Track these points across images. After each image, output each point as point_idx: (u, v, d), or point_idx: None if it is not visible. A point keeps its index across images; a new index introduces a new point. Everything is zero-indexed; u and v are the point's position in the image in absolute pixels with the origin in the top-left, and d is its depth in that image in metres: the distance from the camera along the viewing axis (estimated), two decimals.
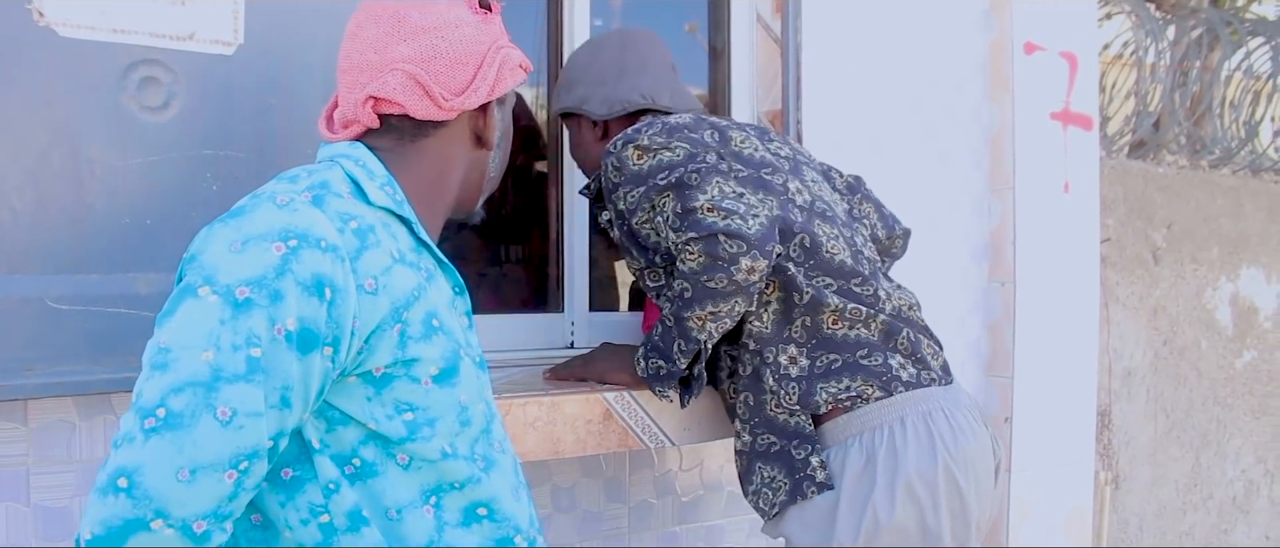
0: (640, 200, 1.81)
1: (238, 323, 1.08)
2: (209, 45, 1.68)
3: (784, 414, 1.81)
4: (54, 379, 1.56)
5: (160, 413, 1.04)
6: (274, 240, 1.12)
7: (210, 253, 1.12)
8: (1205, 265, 4.29)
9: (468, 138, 1.39)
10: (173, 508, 1.03)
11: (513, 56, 1.40)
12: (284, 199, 1.17)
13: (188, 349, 1.07)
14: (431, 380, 1.23)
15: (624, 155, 1.83)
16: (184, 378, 1.05)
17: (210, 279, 1.10)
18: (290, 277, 1.11)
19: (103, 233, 1.59)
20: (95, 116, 1.59)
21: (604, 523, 2.26)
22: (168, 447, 1.03)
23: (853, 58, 2.75)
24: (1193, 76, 4.74)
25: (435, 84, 1.32)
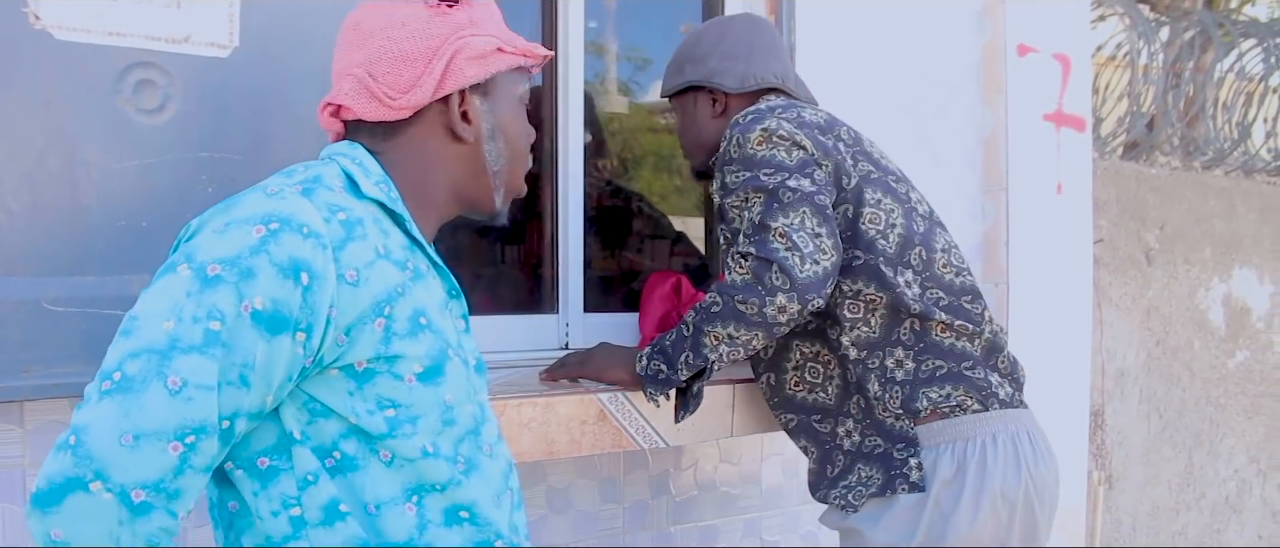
0: (740, 186, 1.83)
1: (203, 296, 1.10)
2: (205, 48, 1.69)
3: (891, 418, 1.85)
4: (50, 381, 1.56)
5: (115, 377, 1.06)
6: (255, 223, 1.14)
7: (198, 236, 1.16)
8: (1198, 266, 4.30)
9: (442, 134, 1.36)
10: (113, 472, 1.04)
11: (475, 46, 1.34)
12: (274, 189, 1.20)
13: (151, 317, 1.09)
14: (415, 378, 1.23)
15: (748, 135, 1.85)
16: (142, 344, 1.08)
17: (190, 257, 1.13)
18: (265, 257, 1.12)
19: (99, 235, 1.59)
20: (91, 119, 1.59)
21: (599, 523, 2.27)
22: (115, 409, 1.05)
23: (846, 59, 2.76)
24: (1186, 78, 4.76)
25: (380, 84, 1.32)
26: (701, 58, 2.04)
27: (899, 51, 2.87)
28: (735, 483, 2.49)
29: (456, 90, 1.34)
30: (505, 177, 1.42)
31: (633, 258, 3.01)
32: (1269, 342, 4.66)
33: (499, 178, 1.41)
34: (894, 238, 1.88)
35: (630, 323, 2.58)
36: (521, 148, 1.44)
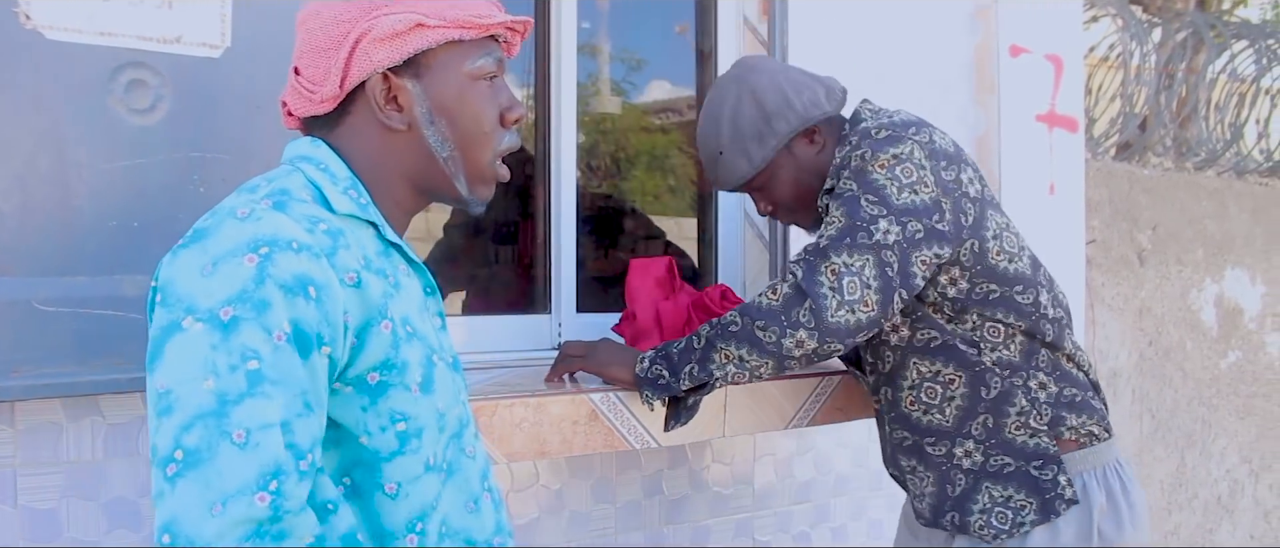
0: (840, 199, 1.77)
1: (230, 343, 1.04)
2: (196, 48, 1.69)
3: (1026, 435, 1.86)
4: (41, 381, 1.56)
5: (178, 456, 1.01)
6: (244, 253, 1.08)
7: (181, 282, 1.08)
8: (1190, 267, 4.31)
9: (375, 123, 1.26)
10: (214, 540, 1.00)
11: (384, 26, 1.23)
12: (244, 211, 1.12)
13: (187, 384, 1.04)
14: (418, 388, 1.21)
15: (880, 153, 1.78)
16: (191, 413, 1.02)
17: (191, 309, 1.06)
18: (271, 282, 1.07)
19: (90, 235, 1.59)
20: (82, 119, 1.59)
21: (591, 524, 2.27)
22: (194, 486, 1.00)
23: (839, 60, 2.76)
24: (1178, 79, 4.77)
25: (303, 78, 1.27)
26: (778, 110, 1.90)
27: (891, 52, 2.88)
28: (727, 483, 2.50)
29: (371, 75, 1.24)
30: (460, 162, 1.30)
31: (626, 258, 3.02)
32: (1261, 342, 4.67)
33: (452, 163, 1.30)
34: (1026, 259, 1.90)
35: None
36: (478, 128, 1.30)
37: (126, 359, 1.61)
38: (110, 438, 1.70)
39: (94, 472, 1.68)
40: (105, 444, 1.69)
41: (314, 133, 1.30)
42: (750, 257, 2.74)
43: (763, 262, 2.69)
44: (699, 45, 2.81)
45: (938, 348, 1.88)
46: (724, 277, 2.74)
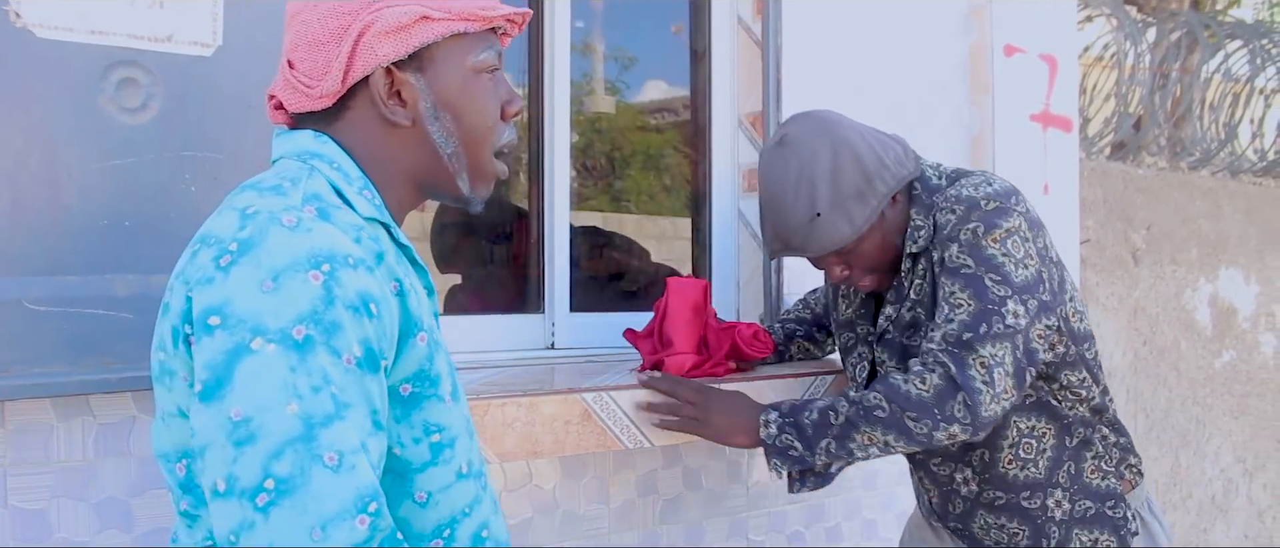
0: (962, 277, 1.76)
1: (308, 364, 1.00)
2: (187, 47, 1.68)
3: (1099, 478, 1.96)
4: (31, 381, 1.55)
5: (268, 485, 0.97)
6: (307, 269, 1.03)
7: (241, 301, 1.01)
8: (1184, 266, 4.32)
9: (377, 119, 1.23)
10: None
11: (389, 18, 1.19)
12: (291, 220, 1.07)
13: (268, 410, 0.98)
14: (450, 397, 1.19)
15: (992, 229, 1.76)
16: (279, 440, 0.98)
17: (258, 329, 1.00)
18: (340, 304, 1.03)
19: (81, 235, 1.59)
20: (73, 118, 1.58)
21: (585, 524, 2.27)
22: (291, 514, 0.96)
23: (833, 60, 2.76)
24: (1172, 79, 4.78)
25: (298, 72, 1.22)
26: (876, 170, 1.83)
27: (886, 52, 2.88)
28: (722, 482, 2.49)
29: (375, 70, 1.20)
30: (464, 159, 1.27)
31: (619, 258, 3.01)
32: (1255, 342, 4.68)
33: (455, 160, 1.27)
34: (1088, 317, 1.98)
35: (617, 323, 2.58)
36: (481, 123, 1.27)
37: (117, 359, 1.61)
38: (101, 438, 1.69)
39: (85, 472, 1.68)
40: (96, 444, 1.69)
41: (309, 128, 1.24)
42: (744, 257, 2.74)
43: (756, 262, 2.69)
44: (693, 44, 2.81)
45: (1033, 405, 1.93)
46: (718, 277, 2.73)
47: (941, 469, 2.01)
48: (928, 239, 1.84)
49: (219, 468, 0.99)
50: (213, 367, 1.00)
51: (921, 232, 1.85)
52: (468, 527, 1.23)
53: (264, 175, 1.19)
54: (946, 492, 2.04)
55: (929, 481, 2.07)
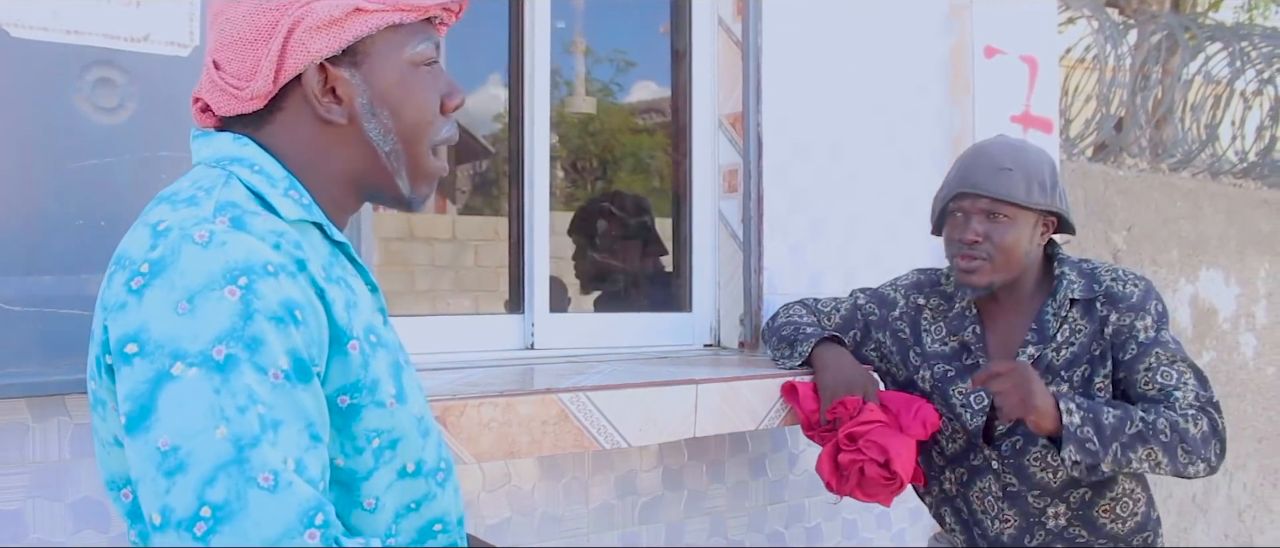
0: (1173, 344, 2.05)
1: (232, 385, 0.96)
2: (164, 47, 1.68)
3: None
4: (7, 381, 1.55)
5: (205, 513, 0.93)
6: (223, 285, 0.99)
7: (156, 326, 0.98)
8: (1165, 267, 4.34)
9: (311, 119, 1.17)
10: None
11: (320, 12, 1.13)
12: (202, 235, 1.02)
13: (196, 437, 0.95)
14: (394, 400, 1.14)
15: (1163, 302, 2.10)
16: (209, 466, 0.94)
17: (177, 353, 0.97)
18: (259, 317, 0.99)
19: (56, 235, 1.59)
20: (48, 118, 1.58)
21: (563, 525, 2.27)
22: (234, 540, 0.93)
23: (814, 60, 2.77)
24: (1153, 81, 4.80)
25: (225, 74, 1.15)
26: (1059, 189, 2.11)
27: (866, 53, 2.89)
28: (702, 482, 2.50)
29: (308, 67, 1.13)
30: (402, 157, 1.21)
31: (602, 259, 3.02)
32: (1235, 342, 4.70)
33: (394, 158, 1.20)
34: None
35: (596, 324, 2.58)
36: (420, 118, 1.21)
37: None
38: (77, 438, 1.69)
39: (60, 472, 1.68)
40: (72, 444, 1.69)
41: (234, 130, 1.18)
42: (724, 258, 2.75)
43: (736, 263, 2.70)
44: (674, 44, 2.82)
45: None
46: (698, 277, 2.74)
47: (1037, 502, 2.14)
48: (1085, 291, 2.09)
49: (153, 501, 0.95)
50: (135, 397, 0.97)
51: (1076, 285, 2.10)
52: (411, 522, 1.20)
53: (179, 184, 1.14)
54: (1032, 523, 2.16)
55: (1013, 510, 2.16)
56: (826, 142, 2.79)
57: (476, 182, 3.69)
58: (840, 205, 2.83)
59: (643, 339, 2.64)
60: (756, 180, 2.64)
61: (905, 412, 2.12)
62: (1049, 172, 2.08)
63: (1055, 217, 2.11)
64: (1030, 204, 2.04)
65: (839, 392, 2.12)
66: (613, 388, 1.93)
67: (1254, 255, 4.82)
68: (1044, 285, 2.14)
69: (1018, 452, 2.13)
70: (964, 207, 2.09)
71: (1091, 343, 2.07)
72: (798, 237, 2.73)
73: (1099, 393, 2.07)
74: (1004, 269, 2.08)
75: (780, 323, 2.37)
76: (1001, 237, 2.05)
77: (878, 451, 2.04)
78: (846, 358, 2.18)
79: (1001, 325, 2.16)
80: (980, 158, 2.10)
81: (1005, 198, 2.04)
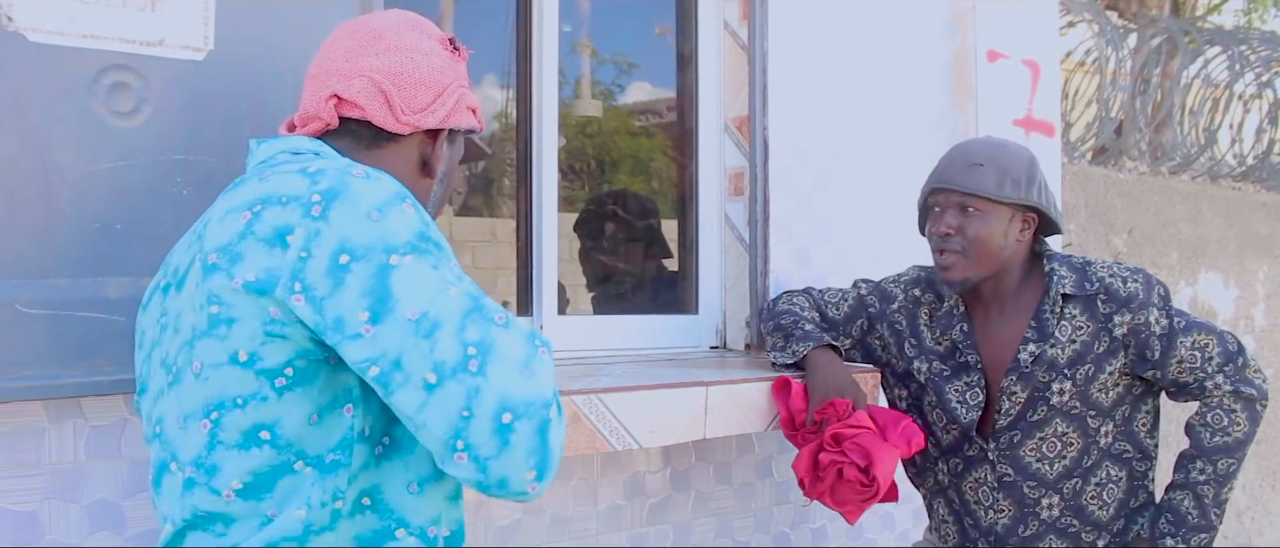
0: (1180, 331, 2.09)
1: (442, 264, 1.18)
2: (179, 51, 1.69)
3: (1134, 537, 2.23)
4: (23, 383, 1.55)
5: (471, 352, 1.13)
6: (398, 202, 1.20)
7: (358, 233, 1.16)
8: (1165, 270, 4.36)
9: (415, 161, 1.43)
10: (547, 392, 1.15)
11: (470, 98, 1.46)
12: (360, 173, 1.22)
13: (437, 300, 1.15)
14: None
15: (1161, 287, 2.14)
16: (459, 316, 1.15)
17: (390, 248, 1.16)
18: (431, 226, 1.22)
19: (73, 238, 1.59)
20: (65, 122, 1.59)
21: (573, 526, 2.28)
22: (500, 365, 1.13)
23: (819, 65, 2.78)
24: (1153, 84, 4.82)
25: (399, 96, 1.38)
26: (1040, 183, 2.13)
27: (870, 57, 2.90)
28: (709, 484, 2.51)
29: (448, 128, 1.44)
30: (433, 211, 1.51)
31: (607, 261, 3.02)
32: None
33: (431, 210, 1.50)
34: None
35: (604, 326, 2.59)
36: (446, 199, 1.54)
37: (109, 361, 1.61)
38: (93, 440, 1.70)
39: (76, 474, 1.68)
40: (87, 447, 1.69)
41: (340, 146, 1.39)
42: (730, 260, 2.75)
43: (742, 265, 2.71)
44: (680, 48, 2.83)
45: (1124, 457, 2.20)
46: (705, 280, 2.75)
47: (1032, 493, 2.18)
48: (1076, 287, 2.12)
49: (423, 364, 1.13)
50: (370, 292, 1.14)
51: (1067, 280, 2.12)
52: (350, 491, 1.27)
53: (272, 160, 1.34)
54: (1027, 513, 2.19)
55: (1009, 500, 2.19)
56: (830, 145, 2.80)
57: (474, 183, 3.69)
58: (844, 209, 2.84)
59: (649, 341, 2.65)
60: (762, 184, 2.65)
61: (892, 427, 2.12)
62: (1025, 168, 2.11)
63: (1036, 214, 2.13)
64: (1001, 198, 2.08)
65: (829, 395, 2.13)
66: (625, 390, 1.94)
67: (1253, 258, 4.84)
68: (1037, 284, 2.17)
69: (1015, 444, 2.16)
70: (939, 202, 2.14)
71: (1094, 342, 2.10)
72: (803, 240, 2.74)
73: (1099, 392, 2.11)
74: (978, 263, 2.11)
75: (781, 310, 2.38)
76: (974, 230, 2.10)
77: (861, 454, 2.05)
78: (841, 366, 2.19)
79: (993, 323, 2.19)
80: (955, 155, 2.16)
81: (975, 191, 2.08)
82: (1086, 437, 2.14)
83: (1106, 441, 2.15)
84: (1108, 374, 2.11)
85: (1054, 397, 2.11)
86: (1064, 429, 2.13)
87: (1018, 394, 2.13)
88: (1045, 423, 2.13)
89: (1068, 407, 2.12)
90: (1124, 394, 2.14)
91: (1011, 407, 2.14)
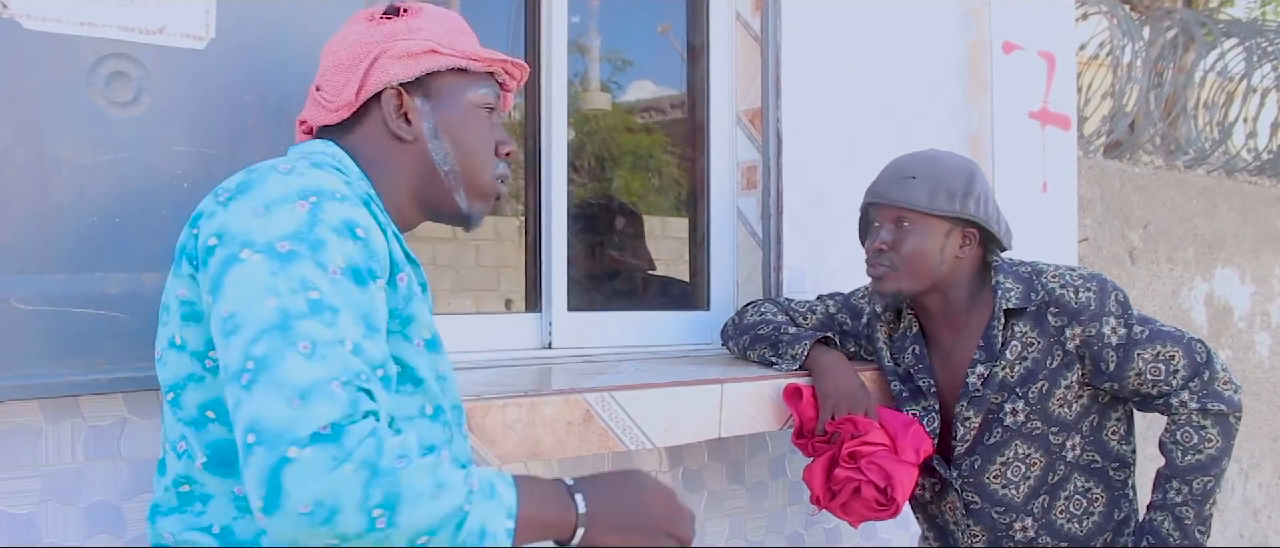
0: (1138, 342, 2.01)
1: (288, 271, 1.13)
2: (180, 39, 1.64)
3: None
4: (19, 382, 1.51)
5: (249, 366, 1.09)
6: (296, 200, 1.18)
7: (235, 224, 1.18)
8: (1181, 265, 4.31)
9: (385, 133, 1.41)
10: (300, 429, 1.05)
11: (403, 47, 1.39)
12: (286, 167, 1.24)
13: (249, 305, 1.12)
14: (423, 344, 1.31)
15: (1121, 293, 2.06)
16: (257, 329, 1.10)
17: (247, 243, 1.15)
18: (323, 225, 1.17)
19: (70, 232, 1.55)
20: (62, 112, 1.54)
21: None
22: (269, 388, 1.07)
23: (833, 57, 2.73)
24: (1167, 77, 4.77)
25: (324, 93, 1.42)
26: (977, 195, 2.05)
27: (885, 49, 2.85)
28: (722, 483, 2.47)
29: (385, 88, 1.39)
30: (461, 177, 1.44)
31: (616, 256, 2.98)
32: (1250, 341, 4.67)
33: (453, 178, 1.44)
34: None
35: (615, 323, 2.55)
36: (477, 151, 1.45)
37: (107, 360, 1.57)
38: (91, 441, 1.65)
39: (74, 475, 1.64)
40: (85, 447, 1.65)
41: (326, 138, 1.43)
42: (742, 255, 2.71)
43: (754, 261, 2.67)
44: (691, 41, 2.78)
45: (1097, 471, 2.13)
46: (717, 277, 2.71)
47: (1003, 518, 2.11)
48: (1021, 300, 2.04)
49: (222, 360, 1.14)
50: (212, 278, 1.17)
51: (1012, 293, 2.04)
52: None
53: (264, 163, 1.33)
54: (1001, 538, 2.13)
55: (980, 526, 2.14)
56: (844, 139, 2.75)
57: None
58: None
59: (660, 338, 2.61)
60: (775, 177, 2.61)
61: (902, 434, 2.07)
62: (962, 181, 2.03)
63: (977, 228, 2.06)
64: (933, 210, 2.01)
65: (840, 402, 2.08)
66: (638, 388, 1.89)
67: (1269, 254, 4.79)
68: (988, 300, 2.09)
69: (976, 470, 2.10)
70: (877, 216, 2.08)
71: (1046, 357, 2.04)
72: (817, 234, 2.70)
73: (1059, 407, 2.05)
74: (911, 277, 2.05)
75: (753, 321, 2.33)
76: (906, 245, 2.03)
77: (881, 474, 2.01)
78: (846, 366, 2.13)
79: (945, 344, 2.14)
80: (890, 168, 2.10)
81: (905, 205, 2.02)
82: (1050, 453, 2.07)
83: (1074, 453, 2.08)
84: (1064, 389, 2.04)
85: (1008, 418, 2.05)
86: (1026, 451, 2.07)
87: (972, 419, 2.08)
88: (1004, 446, 2.07)
89: (1025, 427, 2.05)
90: (1089, 405, 2.07)
91: (966, 433, 2.08)
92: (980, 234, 2.07)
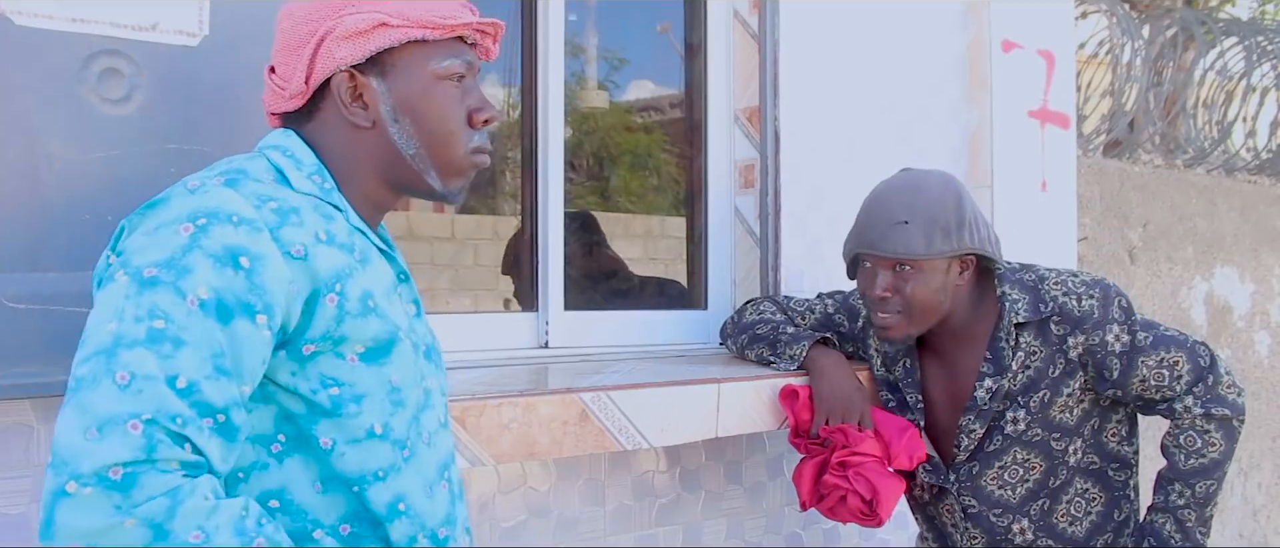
0: (1141, 349, 2.00)
1: (141, 298, 1.10)
2: (173, 36, 1.63)
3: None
4: (10, 382, 1.50)
5: (71, 384, 1.08)
6: (182, 222, 1.15)
7: (129, 244, 1.17)
8: (1180, 264, 4.30)
9: (341, 119, 1.32)
10: (83, 464, 1.02)
11: (348, 24, 1.28)
12: (195, 184, 1.19)
13: (97, 325, 1.11)
14: (357, 358, 1.24)
15: (1125, 297, 2.04)
16: (91, 349, 1.09)
17: (125, 264, 1.14)
18: (198, 252, 1.13)
19: (62, 230, 1.54)
20: (54, 109, 1.53)
21: (580, 526, 2.23)
22: (73, 412, 1.05)
23: (831, 55, 2.72)
24: (1167, 76, 4.76)
25: (277, 77, 1.35)
26: (970, 223, 1.99)
27: (884, 47, 2.84)
28: (720, 483, 2.46)
29: (335, 73, 1.29)
30: (428, 158, 1.33)
31: (613, 256, 2.97)
32: (1249, 341, 4.66)
33: (420, 160, 1.33)
34: None
35: (611, 321, 2.54)
36: (442, 127, 1.33)
37: None
38: None
39: None
40: None
41: (289, 126, 1.36)
42: (740, 254, 2.70)
43: (752, 259, 2.66)
44: (689, 38, 2.77)
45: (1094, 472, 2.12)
46: (714, 276, 2.70)
47: (1000, 520, 2.11)
48: (1030, 312, 2.02)
49: None
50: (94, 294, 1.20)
51: (1020, 305, 2.02)
52: (380, 492, 1.25)
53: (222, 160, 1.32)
54: (999, 540, 2.11)
55: (978, 529, 2.12)
56: (843, 137, 2.74)
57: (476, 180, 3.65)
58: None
59: (657, 337, 2.60)
60: (774, 176, 2.60)
61: (897, 440, 2.06)
62: (953, 211, 1.97)
63: (974, 254, 2.01)
64: (932, 254, 1.95)
65: (835, 406, 2.07)
66: (634, 387, 1.88)
67: (1269, 253, 4.78)
68: (990, 310, 2.06)
69: (975, 475, 2.10)
70: (870, 261, 2.02)
71: (1048, 366, 2.03)
72: (816, 233, 2.68)
73: (1061, 413, 2.04)
74: (921, 320, 2.01)
75: (752, 320, 2.32)
76: (912, 290, 1.98)
77: (867, 487, 2.01)
78: (845, 368, 2.12)
79: (946, 357, 2.12)
80: (875, 212, 2.01)
81: (905, 256, 1.95)
82: (1051, 458, 2.06)
83: (1076, 458, 2.08)
84: (1067, 396, 2.03)
85: (1009, 426, 2.04)
86: (1025, 456, 2.06)
87: (976, 431, 2.07)
88: (1003, 452, 2.07)
89: (1026, 435, 2.05)
90: (1090, 410, 2.07)
91: (970, 443, 2.07)
92: (977, 257, 2.04)
